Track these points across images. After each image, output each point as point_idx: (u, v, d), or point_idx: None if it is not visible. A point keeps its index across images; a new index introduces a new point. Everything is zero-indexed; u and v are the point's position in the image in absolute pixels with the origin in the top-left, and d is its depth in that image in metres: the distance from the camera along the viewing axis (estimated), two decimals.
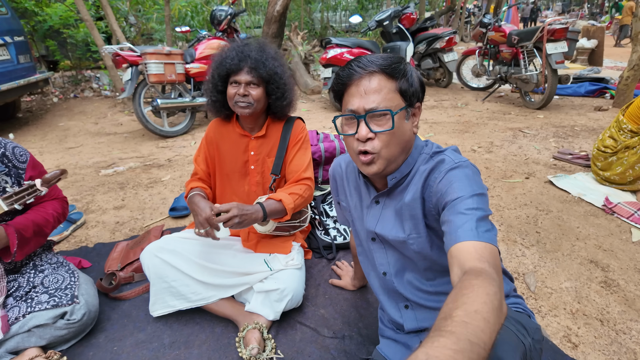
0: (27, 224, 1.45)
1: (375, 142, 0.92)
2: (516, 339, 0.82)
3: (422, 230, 0.99)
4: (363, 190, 1.13)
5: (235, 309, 1.55)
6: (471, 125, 4.22)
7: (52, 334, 1.40)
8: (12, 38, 4.63)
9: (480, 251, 0.76)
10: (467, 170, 0.90)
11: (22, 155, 1.53)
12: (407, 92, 0.93)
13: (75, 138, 4.46)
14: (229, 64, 1.49)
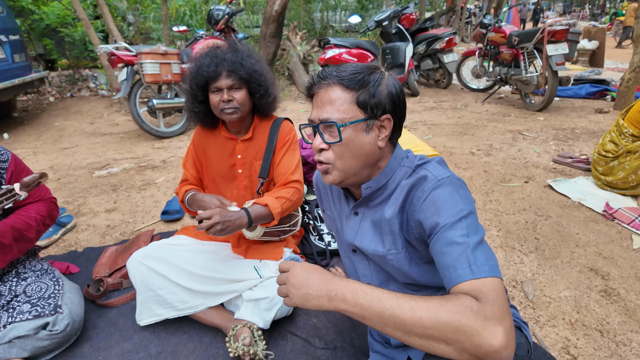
0: (6, 230, 1.40)
1: (329, 152, 0.91)
2: None
3: (401, 246, 0.94)
4: (343, 200, 1.10)
5: (224, 318, 1.51)
6: (470, 127, 4.17)
7: (33, 344, 1.35)
8: (7, 37, 4.58)
9: (478, 289, 0.72)
10: (450, 188, 0.85)
11: (3, 155, 1.48)
12: (366, 103, 0.88)
13: (71, 138, 4.42)
14: (206, 72, 1.43)
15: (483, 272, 0.74)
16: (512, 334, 0.67)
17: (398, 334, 0.72)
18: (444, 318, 0.68)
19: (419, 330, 0.70)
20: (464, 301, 0.70)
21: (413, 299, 0.73)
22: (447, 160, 3.20)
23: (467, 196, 0.86)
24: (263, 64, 1.55)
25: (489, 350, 0.65)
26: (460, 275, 0.75)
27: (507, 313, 0.69)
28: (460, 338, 0.67)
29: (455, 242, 0.78)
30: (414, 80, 5.79)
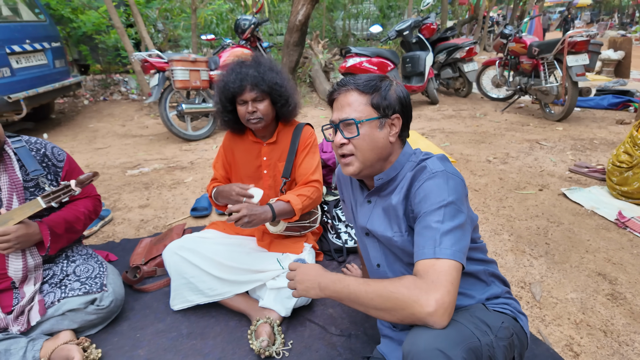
0: (59, 221, 1.58)
1: (349, 146, 1.09)
2: (468, 335, 0.90)
3: (404, 229, 1.10)
4: (358, 190, 1.27)
5: (248, 304, 1.65)
6: (488, 136, 4.23)
7: (82, 318, 1.53)
8: (49, 44, 4.92)
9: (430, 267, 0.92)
10: (440, 180, 1.01)
11: (59, 154, 1.68)
12: (379, 105, 1.08)
13: (104, 139, 4.69)
14: (232, 87, 1.59)
15: (444, 254, 0.92)
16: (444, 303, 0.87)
17: (361, 309, 0.97)
18: (386, 295, 0.92)
19: (371, 305, 0.94)
20: (404, 281, 0.92)
21: (370, 283, 0.97)
22: (463, 168, 3.28)
23: (455, 188, 1.01)
24: (283, 76, 1.69)
25: (422, 315, 0.87)
26: (424, 254, 0.94)
27: (442, 287, 0.88)
28: (398, 308, 0.89)
29: (430, 226, 0.96)
30: (433, 89, 5.88)
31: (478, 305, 1.07)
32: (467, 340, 0.89)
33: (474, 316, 0.98)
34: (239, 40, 5.04)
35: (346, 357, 1.47)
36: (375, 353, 1.28)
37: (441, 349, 0.84)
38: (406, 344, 0.90)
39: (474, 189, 2.87)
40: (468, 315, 0.97)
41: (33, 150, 1.62)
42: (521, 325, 1.12)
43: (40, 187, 1.59)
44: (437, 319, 0.86)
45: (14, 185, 1.52)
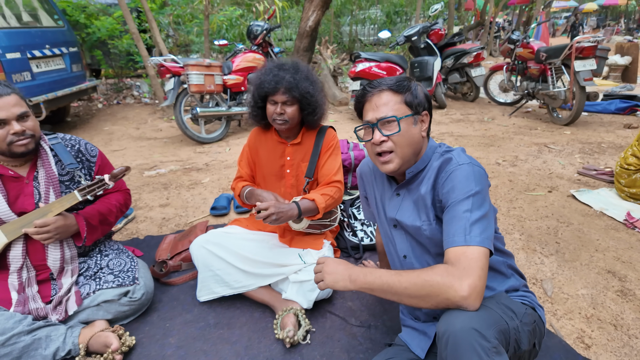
0: (94, 214, 1.68)
1: (388, 143, 1.16)
2: (497, 318, 0.96)
3: (432, 218, 1.18)
4: (386, 185, 1.34)
5: (272, 296, 1.73)
6: (497, 139, 4.30)
7: (116, 309, 1.61)
8: (67, 49, 5.06)
9: (461, 254, 0.99)
10: (467, 171, 1.09)
11: (92, 150, 1.78)
12: (412, 103, 1.17)
13: (119, 141, 4.81)
14: (267, 87, 1.68)
15: (474, 241, 0.99)
16: (476, 287, 0.94)
17: (394, 298, 1.04)
18: (420, 283, 0.98)
19: (405, 294, 1.00)
20: (436, 270, 0.99)
21: (402, 273, 1.03)
22: None
23: (480, 179, 1.09)
24: (317, 86, 1.76)
25: (457, 299, 0.93)
26: (455, 241, 1.01)
27: (474, 273, 0.95)
28: (433, 294, 0.96)
29: (459, 216, 1.04)
30: (441, 93, 5.96)
31: (502, 294, 1.13)
32: (497, 323, 0.95)
33: (500, 303, 1.04)
34: (250, 45, 5.15)
35: (367, 346, 1.54)
36: (397, 340, 1.35)
37: (476, 328, 0.90)
38: (442, 324, 0.96)
39: None
40: (494, 302, 1.04)
41: (68, 146, 1.71)
42: (539, 315, 1.19)
43: (74, 181, 1.69)
44: (471, 302, 0.93)
45: (50, 179, 1.61)
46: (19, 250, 1.56)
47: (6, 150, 1.49)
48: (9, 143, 1.47)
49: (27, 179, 1.59)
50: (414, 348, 1.27)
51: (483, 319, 0.93)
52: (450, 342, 0.92)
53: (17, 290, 1.54)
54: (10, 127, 1.46)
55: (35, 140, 1.55)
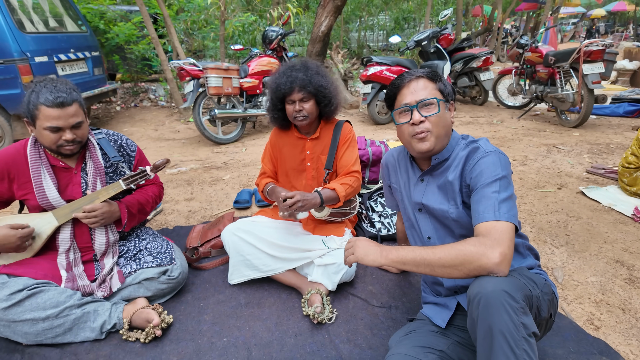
0: (134, 202, 1.82)
1: (426, 123, 1.27)
2: (523, 285, 1.06)
3: (459, 202, 1.29)
4: (410, 172, 1.45)
5: (298, 279, 1.85)
6: (506, 140, 4.40)
7: (156, 286, 1.75)
8: (90, 53, 5.27)
9: (492, 227, 1.09)
10: (493, 158, 1.20)
11: (132, 145, 1.92)
12: (444, 91, 1.30)
13: (139, 142, 4.98)
14: (283, 89, 1.80)
15: (502, 217, 1.10)
16: (506, 255, 1.04)
17: (427, 270, 1.12)
18: (455, 253, 1.07)
19: (439, 264, 1.09)
20: (469, 241, 1.09)
21: (434, 247, 1.12)
22: None
23: (506, 165, 1.21)
24: (328, 79, 1.89)
25: (489, 265, 1.03)
26: (485, 217, 1.12)
27: (504, 243, 1.05)
28: (467, 262, 1.05)
29: (488, 196, 1.15)
30: None
31: (522, 268, 1.22)
32: (523, 289, 1.05)
33: (522, 274, 1.14)
34: (265, 50, 5.31)
35: (388, 324, 1.66)
36: (419, 315, 1.46)
37: (507, 290, 0.99)
38: (473, 288, 1.05)
39: None
40: (517, 273, 1.13)
41: (111, 140, 1.86)
42: (553, 290, 1.30)
43: (117, 172, 1.83)
44: (502, 268, 1.03)
45: (97, 170, 1.76)
46: (67, 233, 1.70)
47: (54, 149, 1.62)
48: (58, 146, 1.60)
49: (75, 170, 1.73)
50: (435, 320, 1.37)
51: (512, 283, 1.03)
52: (482, 302, 1.01)
53: (66, 269, 1.68)
54: (64, 134, 1.58)
55: (81, 144, 1.68)
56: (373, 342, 1.57)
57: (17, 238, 1.55)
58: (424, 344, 1.27)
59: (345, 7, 10.40)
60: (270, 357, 1.49)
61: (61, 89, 1.56)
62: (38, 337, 1.52)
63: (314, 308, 1.64)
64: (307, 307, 1.69)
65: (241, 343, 1.57)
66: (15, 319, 1.48)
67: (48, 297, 1.53)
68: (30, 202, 1.67)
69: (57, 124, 1.54)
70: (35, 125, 1.57)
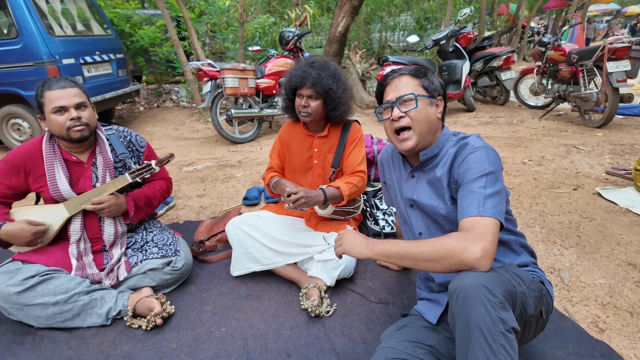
0: (141, 196, 1.89)
1: (406, 119, 1.28)
2: (505, 281, 1.05)
3: (447, 199, 1.28)
4: (402, 168, 1.46)
5: (298, 273, 1.88)
6: (524, 141, 4.29)
7: (160, 277, 1.81)
8: (114, 55, 5.48)
9: (475, 223, 1.08)
10: (481, 153, 1.19)
11: (141, 141, 2.00)
12: (428, 87, 1.31)
13: (159, 141, 5.14)
14: (295, 81, 1.85)
15: (487, 212, 1.09)
16: (488, 250, 1.03)
17: (410, 263, 1.12)
18: (436, 247, 1.07)
19: (421, 257, 1.09)
20: (452, 235, 1.08)
21: (418, 241, 1.13)
22: None
23: (494, 160, 1.19)
24: (342, 84, 1.88)
25: (470, 260, 1.02)
26: (469, 213, 1.11)
27: (486, 238, 1.05)
28: (448, 256, 1.05)
29: (474, 191, 1.14)
30: (470, 97, 5.97)
31: (511, 264, 1.21)
32: (505, 284, 1.04)
33: (509, 271, 1.13)
34: (282, 50, 5.38)
35: (384, 320, 1.66)
36: (412, 311, 1.46)
37: (485, 285, 0.99)
38: (453, 282, 1.05)
39: (508, 188, 2.99)
40: (504, 269, 1.12)
41: (121, 137, 1.94)
42: (547, 289, 1.27)
43: (126, 167, 1.91)
44: (483, 263, 1.02)
45: (107, 165, 1.84)
46: (78, 224, 1.79)
47: (65, 135, 1.71)
48: (67, 128, 1.69)
49: (86, 164, 1.82)
50: (427, 315, 1.37)
51: (492, 278, 1.02)
52: (461, 296, 1.01)
53: (76, 258, 1.77)
54: (69, 114, 1.68)
55: (89, 129, 1.76)
56: (367, 336, 1.58)
57: (31, 234, 1.65)
58: (414, 339, 1.28)
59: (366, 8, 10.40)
60: (265, 348, 1.53)
61: (62, 80, 1.71)
62: (48, 320, 1.61)
63: (310, 301, 1.66)
64: (304, 300, 1.71)
65: (238, 333, 1.61)
66: (27, 302, 1.58)
67: (58, 283, 1.62)
68: (44, 195, 1.76)
69: (60, 103, 1.66)
70: (45, 114, 1.69)
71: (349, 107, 1.95)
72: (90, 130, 1.77)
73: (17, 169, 1.73)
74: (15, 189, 1.76)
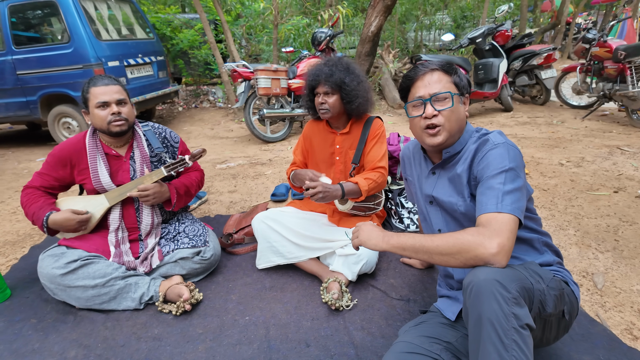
0: (180, 185, 2.00)
1: (439, 117, 1.26)
2: (522, 277, 1.03)
3: (467, 196, 1.27)
4: (423, 164, 1.45)
5: (320, 267, 1.92)
6: (563, 141, 4.11)
7: (190, 266, 1.91)
8: (155, 57, 5.76)
9: (492, 218, 1.07)
10: (502, 150, 1.17)
11: (175, 137, 2.11)
12: (459, 84, 1.28)
13: (196, 140, 5.34)
14: (310, 80, 1.92)
15: (505, 208, 1.07)
16: (504, 246, 1.01)
17: (426, 257, 1.12)
18: (452, 242, 1.07)
19: (436, 251, 1.09)
20: (468, 230, 1.07)
21: (435, 235, 1.12)
22: (533, 170, 3.28)
23: (515, 157, 1.17)
24: (356, 78, 1.90)
25: (485, 256, 1.01)
26: (487, 208, 1.10)
27: (503, 234, 1.03)
28: (463, 251, 1.04)
29: (493, 187, 1.12)
30: (507, 96, 5.78)
31: (532, 262, 1.18)
32: (521, 280, 1.02)
33: (527, 268, 1.11)
34: (314, 51, 5.44)
35: (404, 316, 1.67)
36: (432, 308, 1.46)
37: (499, 280, 0.97)
38: (467, 277, 1.04)
39: (542, 189, 2.88)
40: (522, 267, 1.10)
41: (157, 133, 2.06)
42: (572, 290, 1.23)
43: (161, 161, 2.02)
44: (499, 259, 1.00)
45: (144, 159, 1.96)
46: (117, 214, 1.92)
47: (106, 129, 1.84)
48: (108, 122, 1.82)
49: (125, 158, 1.95)
50: (446, 313, 1.37)
51: (506, 274, 1.00)
52: (474, 291, 1.00)
53: (115, 246, 1.89)
54: (111, 109, 1.81)
55: (128, 124, 1.88)
56: (386, 331, 1.59)
57: (75, 222, 1.79)
58: (431, 335, 1.28)
59: (400, 7, 10.28)
60: (285, 337, 1.58)
61: (106, 77, 1.85)
62: (88, 302, 1.74)
63: (330, 294, 1.69)
64: (325, 293, 1.75)
65: (261, 322, 1.67)
66: (70, 284, 1.71)
67: (97, 268, 1.75)
68: (87, 186, 1.90)
69: (103, 99, 1.80)
70: (89, 108, 1.83)
71: (366, 100, 1.95)
72: (129, 125, 1.89)
73: (64, 162, 1.88)
74: (62, 180, 1.91)
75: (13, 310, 1.82)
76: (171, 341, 1.58)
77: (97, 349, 1.55)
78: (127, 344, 1.58)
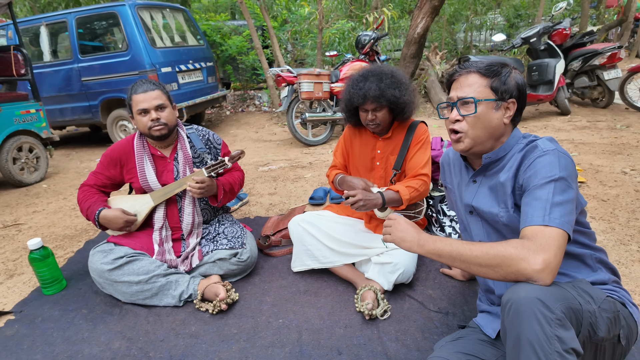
0: (225, 182, 2.05)
1: (462, 123, 1.20)
2: (569, 297, 0.94)
3: (510, 206, 1.18)
4: (463, 172, 1.37)
5: (355, 274, 1.89)
6: (628, 148, 3.78)
7: (227, 267, 1.95)
8: (205, 63, 6.00)
9: (539, 232, 0.98)
10: (551, 157, 1.07)
11: (218, 140, 2.17)
12: (498, 88, 1.17)
13: (241, 142, 5.50)
14: (356, 101, 1.81)
15: (553, 222, 0.98)
16: (550, 263, 0.93)
17: (463, 266, 1.06)
18: (493, 253, 0.99)
19: (475, 262, 1.02)
20: (511, 242, 0.99)
21: (474, 243, 1.05)
22: (591, 178, 3.04)
23: (566, 165, 1.06)
24: (403, 87, 1.81)
25: (528, 272, 0.94)
26: (533, 221, 1.01)
27: (550, 250, 0.94)
28: (504, 265, 0.97)
29: (540, 198, 1.03)
30: (564, 98, 5.41)
31: (582, 280, 1.08)
32: (567, 300, 0.93)
33: (577, 287, 1.01)
34: (358, 54, 5.42)
35: (442, 330, 1.59)
36: (471, 323, 1.38)
37: (541, 298, 0.89)
38: (506, 294, 0.97)
39: (601, 199, 2.66)
40: (571, 285, 1.01)
41: (200, 135, 2.13)
42: (630, 312, 1.11)
43: (204, 162, 2.09)
44: (543, 277, 0.92)
45: (187, 160, 2.03)
46: (161, 213, 2.00)
47: (147, 134, 1.93)
48: (148, 128, 1.91)
49: (169, 159, 2.03)
50: (486, 329, 1.29)
51: (550, 292, 0.92)
52: (513, 309, 0.93)
53: (158, 244, 1.98)
54: (150, 115, 1.90)
55: (168, 128, 1.95)
56: (422, 344, 1.53)
57: (123, 221, 1.90)
58: (469, 352, 1.22)
59: (449, 7, 9.99)
60: (318, 343, 1.56)
61: (146, 83, 1.92)
62: (132, 297, 1.83)
63: (365, 304, 1.66)
64: (359, 302, 1.71)
65: (294, 326, 1.67)
66: (116, 279, 1.81)
67: (141, 265, 1.83)
68: (134, 185, 2.01)
69: (143, 106, 1.88)
70: (133, 114, 1.92)
71: (415, 104, 1.89)
72: (170, 128, 1.97)
73: (115, 162, 2.00)
74: (113, 179, 2.03)
75: (68, 300, 1.96)
76: (207, 339, 1.62)
77: (139, 342, 1.63)
78: (166, 339, 1.64)
